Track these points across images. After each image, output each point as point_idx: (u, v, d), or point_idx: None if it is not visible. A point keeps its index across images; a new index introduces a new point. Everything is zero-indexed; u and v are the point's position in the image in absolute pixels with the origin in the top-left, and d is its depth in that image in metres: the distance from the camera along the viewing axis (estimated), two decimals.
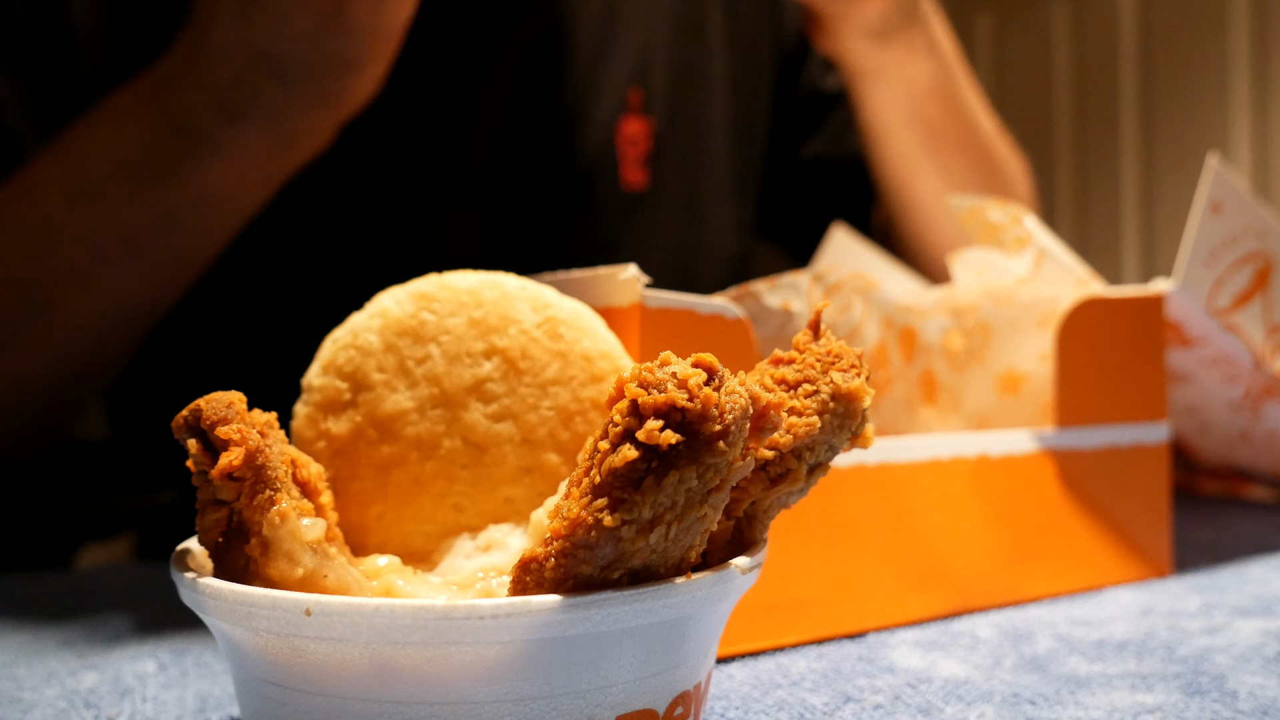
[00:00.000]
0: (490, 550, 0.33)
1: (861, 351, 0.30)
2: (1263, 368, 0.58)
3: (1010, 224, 0.58)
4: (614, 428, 0.25)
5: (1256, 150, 2.06)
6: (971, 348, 0.57)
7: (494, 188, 0.80)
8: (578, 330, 0.35)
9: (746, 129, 0.92)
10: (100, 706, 0.36)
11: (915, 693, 0.37)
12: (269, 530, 0.27)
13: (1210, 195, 0.55)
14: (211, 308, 0.74)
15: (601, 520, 0.24)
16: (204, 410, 0.27)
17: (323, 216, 0.76)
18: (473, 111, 0.78)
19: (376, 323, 0.35)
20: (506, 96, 0.80)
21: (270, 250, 0.74)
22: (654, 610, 0.26)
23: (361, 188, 0.77)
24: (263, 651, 0.26)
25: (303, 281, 0.76)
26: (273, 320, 0.74)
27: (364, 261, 0.76)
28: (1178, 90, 2.17)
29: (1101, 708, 0.35)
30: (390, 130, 0.76)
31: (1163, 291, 0.54)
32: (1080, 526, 0.51)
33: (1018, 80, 2.45)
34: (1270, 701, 0.36)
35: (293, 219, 0.74)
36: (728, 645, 0.41)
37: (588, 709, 0.26)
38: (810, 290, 0.48)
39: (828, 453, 0.29)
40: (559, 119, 0.81)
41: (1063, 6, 2.36)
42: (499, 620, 0.24)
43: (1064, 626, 0.45)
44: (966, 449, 0.48)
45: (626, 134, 0.83)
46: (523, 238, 0.80)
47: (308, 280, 0.76)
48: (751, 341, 0.42)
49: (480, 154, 0.79)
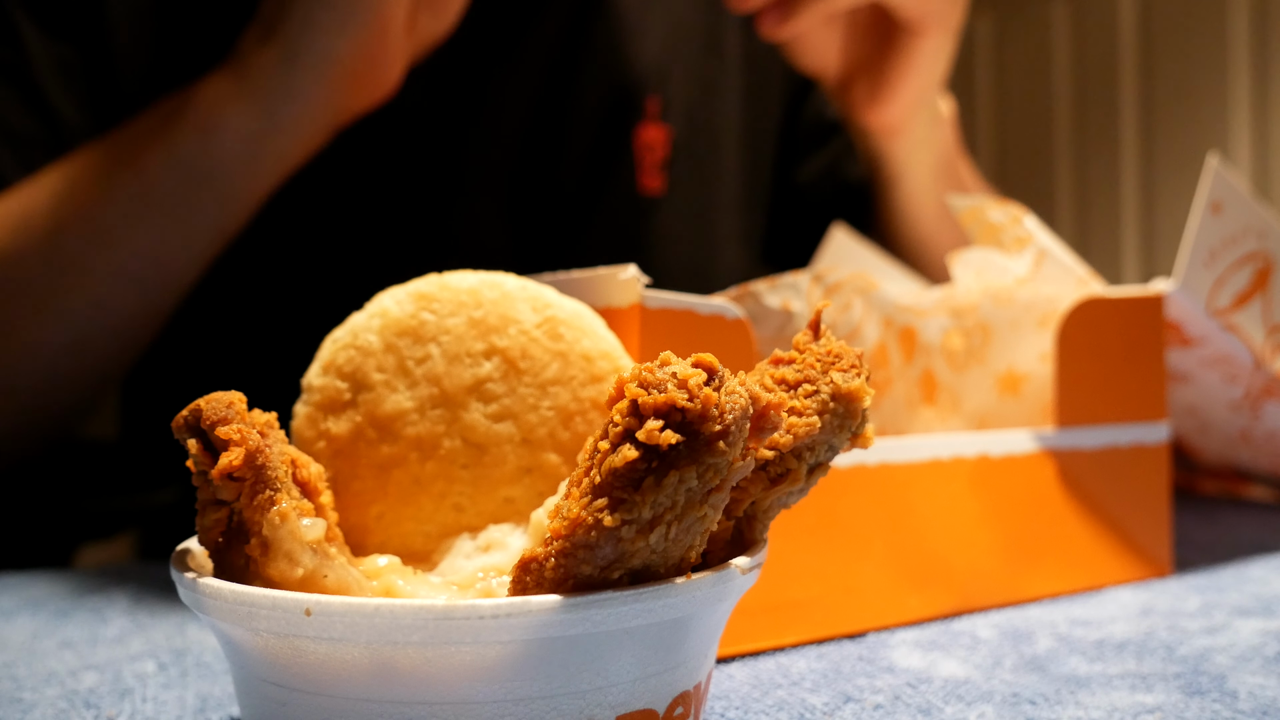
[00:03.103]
0: (490, 550, 0.33)
1: (861, 351, 0.30)
2: (1263, 368, 0.58)
3: (1010, 224, 0.58)
4: (614, 428, 0.25)
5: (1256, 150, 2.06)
6: (971, 348, 0.57)
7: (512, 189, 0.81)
8: (578, 330, 0.35)
9: (758, 143, 0.94)
10: (100, 706, 0.36)
11: (915, 693, 0.37)
12: (269, 530, 0.27)
13: (1210, 195, 0.55)
14: (213, 308, 0.74)
15: (601, 520, 0.24)
16: (204, 410, 0.27)
17: (331, 215, 0.77)
18: (492, 113, 0.80)
19: (376, 323, 0.35)
20: (527, 99, 0.81)
21: (272, 250, 0.74)
22: (654, 610, 0.26)
23: (375, 186, 0.77)
24: (263, 651, 0.26)
25: (304, 281, 0.76)
26: (273, 320, 0.74)
27: (371, 260, 0.76)
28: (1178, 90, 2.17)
29: (1101, 708, 0.35)
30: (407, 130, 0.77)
31: (1163, 291, 0.54)
32: (1080, 526, 0.51)
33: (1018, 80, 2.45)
34: (1270, 701, 0.36)
35: (296, 218, 0.74)
36: (728, 645, 0.41)
37: (588, 709, 0.26)
38: (810, 290, 0.48)
39: (828, 453, 0.29)
40: (578, 123, 0.83)
41: (1063, 6, 2.36)
42: (499, 620, 0.24)
43: (1064, 626, 0.45)
44: (966, 449, 0.48)
45: (644, 140, 0.85)
46: (539, 238, 0.82)
47: (309, 280, 0.76)
48: (751, 341, 0.42)
49: (499, 155, 0.81)
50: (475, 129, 0.80)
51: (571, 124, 0.83)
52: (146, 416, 0.82)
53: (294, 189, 0.67)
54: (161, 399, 0.78)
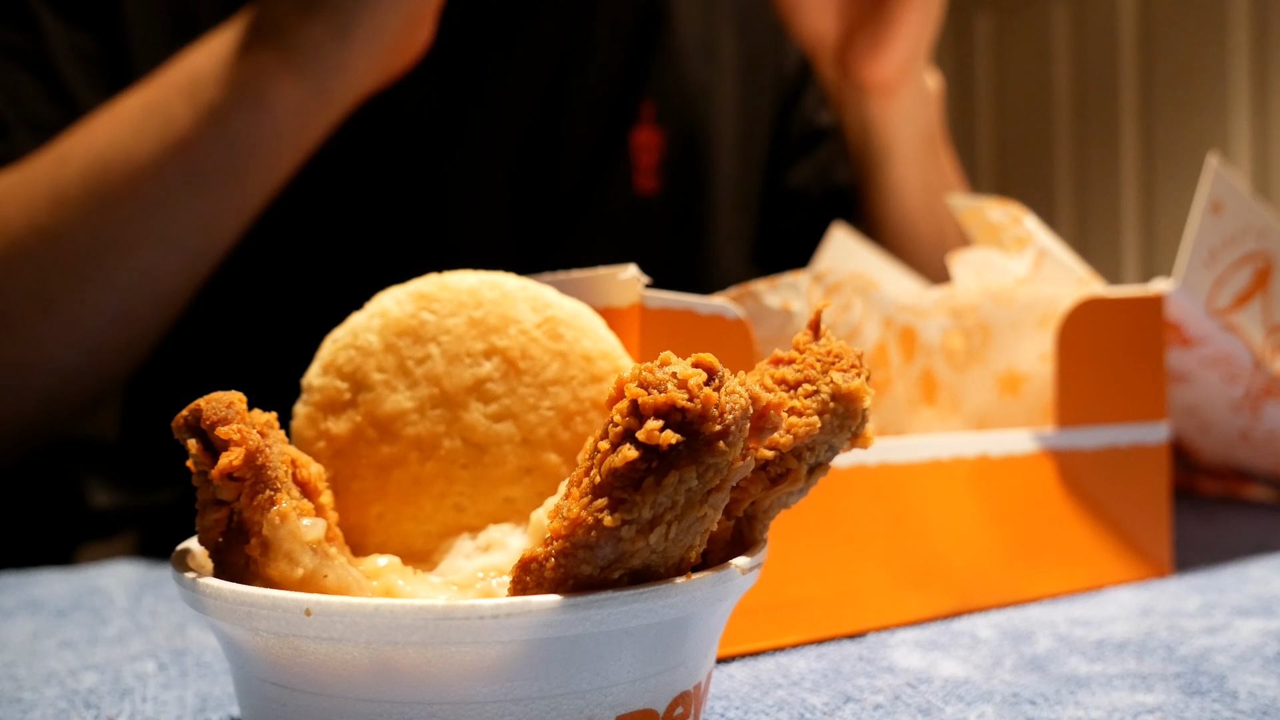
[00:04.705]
0: (490, 550, 0.33)
1: (861, 351, 0.30)
2: (1263, 368, 0.58)
3: (1010, 224, 0.58)
4: (614, 428, 0.25)
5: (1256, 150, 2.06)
6: (971, 348, 0.57)
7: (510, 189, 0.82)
8: (578, 330, 0.35)
9: (750, 148, 0.96)
10: (100, 706, 0.36)
11: (915, 693, 0.37)
12: (269, 530, 0.27)
13: (1210, 195, 0.55)
14: (213, 308, 0.74)
15: (601, 520, 0.24)
16: (204, 410, 0.27)
17: (331, 216, 0.77)
18: (490, 114, 0.82)
19: (376, 323, 0.35)
20: (525, 101, 0.83)
21: (272, 250, 0.74)
22: (654, 610, 0.26)
23: (375, 187, 0.78)
24: (263, 651, 0.26)
25: (304, 281, 0.76)
26: (273, 320, 0.75)
27: (371, 260, 0.77)
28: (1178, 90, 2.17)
29: (1101, 708, 0.35)
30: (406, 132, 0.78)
31: (1163, 291, 0.54)
32: (1080, 526, 0.51)
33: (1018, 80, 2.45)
34: (1270, 701, 0.36)
35: (296, 219, 0.74)
36: (728, 645, 0.41)
37: (588, 709, 0.26)
38: (810, 290, 0.48)
39: (828, 453, 0.29)
40: (575, 125, 0.85)
41: (1063, 6, 2.36)
42: (499, 620, 0.24)
43: (1064, 626, 0.45)
44: (966, 449, 0.48)
45: (639, 142, 0.87)
46: (537, 237, 0.83)
47: (309, 280, 0.76)
48: (751, 341, 0.42)
49: (498, 155, 0.82)
50: (474, 130, 0.81)
51: (568, 126, 0.85)
52: (147, 416, 0.82)
53: (295, 189, 0.67)
54: (162, 399, 0.78)
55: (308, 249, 0.77)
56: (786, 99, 0.99)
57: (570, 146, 0.84)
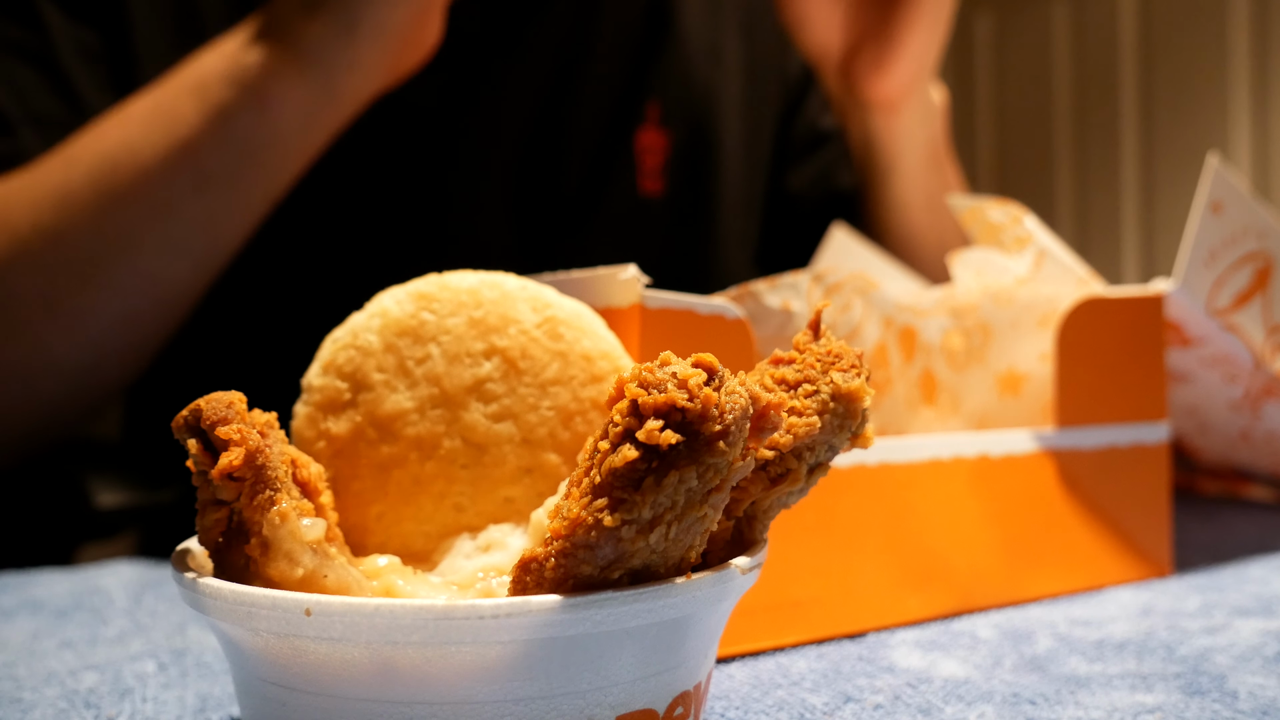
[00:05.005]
0: (490, 550, 0.33)
1: (861, 351, 0.30)
2: (1263, 368, 0.58)
3: (1010, 224, 0.58)
4: (614, 428, 0.25)
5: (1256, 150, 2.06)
6: (971, 348, 0.57)
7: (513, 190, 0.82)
8: (578, 330, 0.35)
9: (755, 150, 0.96)
10: (100, 706, 0.36)
11: (915, 693, 0.37)
12: (269, 530, 0.27)
13: (1210, 195, 0.55)
14: (214, 308, 0.74)
15: (601, 520, 0.24)
16: (204, 410, 0.27)
17: (332, 216, 0.77)
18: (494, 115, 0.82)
19: (376, 323, 0.35)
20: (529, 102, 0.83)
21: (273, 250, 0.74)
22: (654, 610, 0.26)
23: (376, 187, 0.78)
24: (263, 651, 0.26)
25: (304, 281, 0.76)
26: (273, 320, 0.75)
27: (371, 260, 0.77)
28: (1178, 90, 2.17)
29: (1101, 708, 0.35)
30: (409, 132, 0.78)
31: (1163, 291, 0.54)
32: (1080, 526, 0.51)
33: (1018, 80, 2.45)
34: (1270, 701, 0.36)
35: (297, 218, 0.74)
36: (728, 645, 0.41)
37: (588, 709, 0.26)
38: (810, 290, 0.48)
39: (828, 453, 0.29)
40: (579, 126, 0.85)
41: (1063, 6, 2.36)
42: (499, 620, 0.24)
43: (1064, 626, 0.45)
44: (966, 449, 0.48)
45: (644, 144, 0.87)
46: (540, 238, 0.83)
47: (309, 280, 0.76)
48: (751, 341, 0.42)
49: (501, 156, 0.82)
50: (478, 130, 0.81)
51: (573, 127, 0.84)
52: (148, 416, 0.82)
53: (297, 188, 0.67)
54: (162, 399, 0.78)
55: (309, 249, 0.77)
56: (791, 101, 0.99)
57: (575, 148, 0.84)
